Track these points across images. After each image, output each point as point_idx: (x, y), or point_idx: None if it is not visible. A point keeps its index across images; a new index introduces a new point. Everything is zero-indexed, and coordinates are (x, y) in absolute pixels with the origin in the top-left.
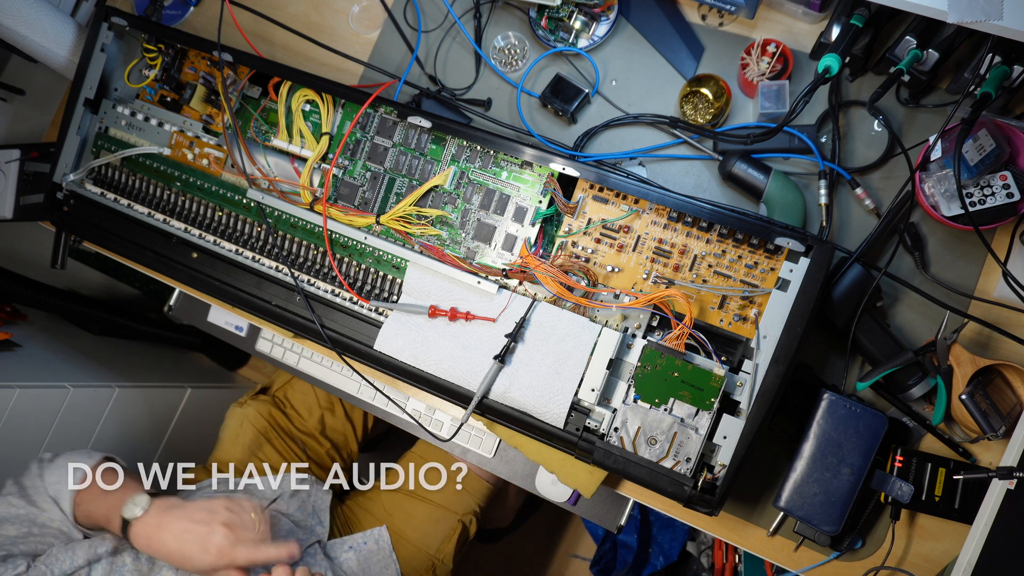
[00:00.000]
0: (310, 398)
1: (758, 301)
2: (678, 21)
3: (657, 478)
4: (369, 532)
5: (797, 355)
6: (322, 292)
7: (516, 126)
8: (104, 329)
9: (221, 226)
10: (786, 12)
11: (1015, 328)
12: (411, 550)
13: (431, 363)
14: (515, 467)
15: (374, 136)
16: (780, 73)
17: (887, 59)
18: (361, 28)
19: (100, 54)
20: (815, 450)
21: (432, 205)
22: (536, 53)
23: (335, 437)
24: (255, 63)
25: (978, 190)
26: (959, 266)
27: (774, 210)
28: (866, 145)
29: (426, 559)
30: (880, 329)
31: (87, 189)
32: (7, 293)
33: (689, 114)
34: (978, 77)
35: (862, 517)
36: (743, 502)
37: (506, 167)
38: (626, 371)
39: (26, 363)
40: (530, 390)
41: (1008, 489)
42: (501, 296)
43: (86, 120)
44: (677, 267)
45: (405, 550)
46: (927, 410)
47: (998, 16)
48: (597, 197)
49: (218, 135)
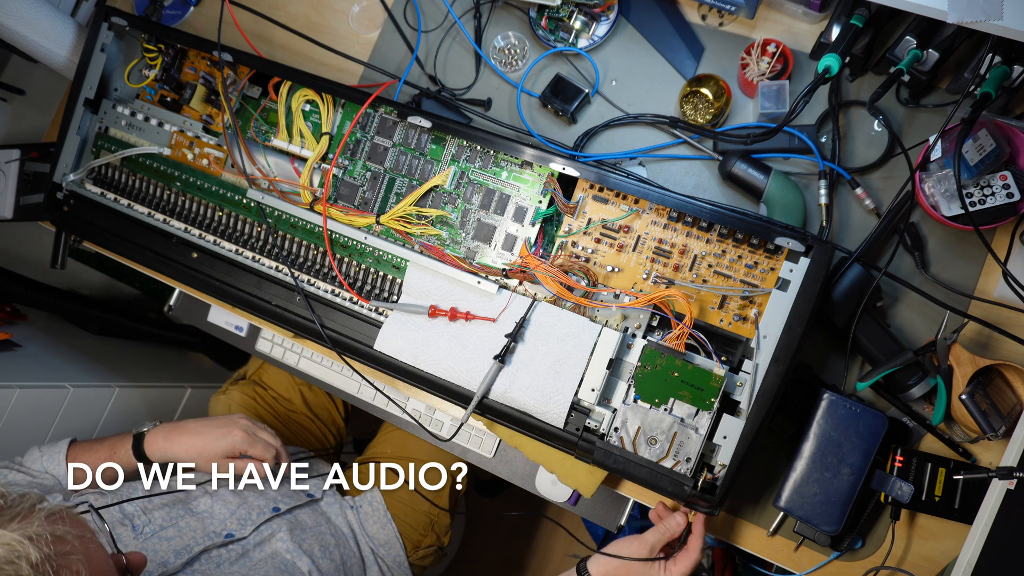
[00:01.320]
0: (285, 378)
1: (758, 301)
2: (678, 21)
3: (657, 478)
4: (362, 496)
5: (797, 355)
6: (322, 292)
7: (516, 126)
8: (104, 329)
9: (221, 226)
10: (786, 12)
11: (1015, 328)
12: (405, 509)
13: (431, 363)
14: (515, 467)
15: (374, 136)
16: (780, 73)
17: (887, 59)
18: (361, 28)
19: (100, 54)
20: (815, 450)
21: (432, 205)
22: (536, 53)
23: (320, 413)
24: (255, 63)
25: (978, 190)
26: (959, 266)
27: (774, 210)
28: (866, 145)
29: (423, 516)
30: (880, 329)
31: (87, 189)
32: (7, 293)
33: (689, 114)
34: (978, 77)
35: (862, 517)
36: (743, 502)
37: (506, 167)
38: (626, 371)
39: (26, 363)
40: (530, 390)
41: (1008, 489)
42: (501, 296)
43: (86, 120)
44: (677, 267)
45: (399, 510)
46: (927, 410)
47: (998, 16)
48: (597, 197)
49: (218, 135)
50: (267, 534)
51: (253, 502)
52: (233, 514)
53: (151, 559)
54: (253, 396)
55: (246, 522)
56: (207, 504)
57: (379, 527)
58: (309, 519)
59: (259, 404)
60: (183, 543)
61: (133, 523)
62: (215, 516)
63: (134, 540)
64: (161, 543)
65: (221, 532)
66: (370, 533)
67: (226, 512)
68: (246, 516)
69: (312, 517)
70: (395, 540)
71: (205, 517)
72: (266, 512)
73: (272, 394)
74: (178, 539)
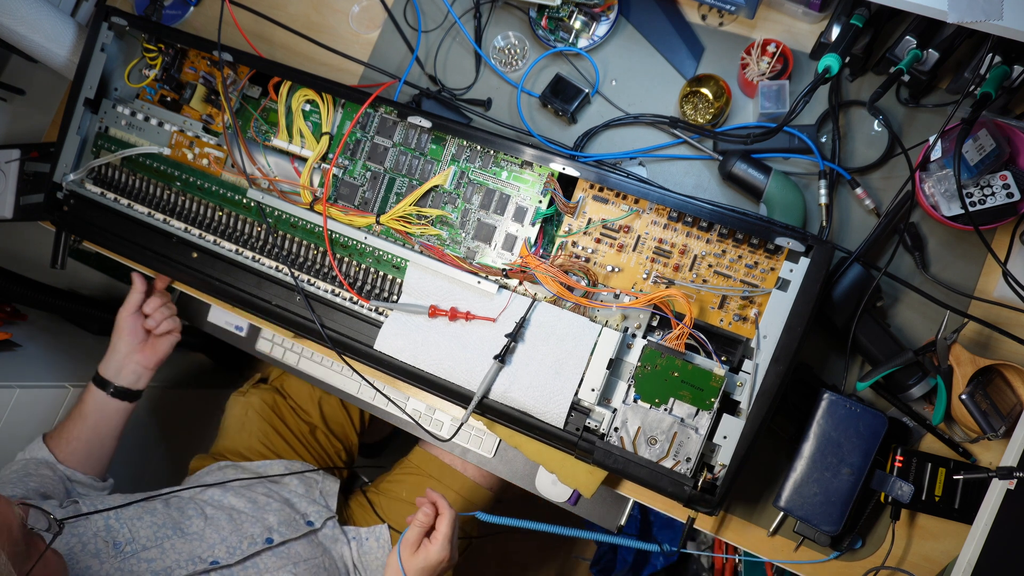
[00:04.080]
0: (305, 389)
1: (758, 301)
2: (678, 21)
3: (657, 478)
4: (370, 528)
5: (797, 355)
6: (322, 292)
7: (516, 126)
8: (104, 329)
9: (221, 226)
10: (786, 12)
11: (1015, 328)
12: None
13: (431, 363)
14: (515, 467)
15: (374, 136)
16: (780, 73)
17: (887, 59)
18: (361, 28)
19: (100, 54)
20: (815, 450)
21: (432, 205)
22: (536, 53)
23: (335, 427)
24: (255, 63)
25: (978, 190)
26: (959, 266)
27: (774, 210)
28: (866, 145)
29: None
30: (880, 329)
31: (87, 189)
32: (7, 293)
33: (689, 114)
34: (978, 77)
35: (862, 517)
36: (743, 502)
37: (506, 167)
38: (626, 371)
39: (26, 363)
40: (530, 390)
41: (1008, 489)
42: (501, 296)
43: (86, 120)
44: (677, 267)
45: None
46: (927, 410)
47: (998, 16)
48: (597, 197)
49: (218, 135)
50: (252, 572)
51: (247, 529)
52: (224, 540)
53: None
54: (272, 403)
55: (235, 550)
56: (199, 526)
57: (379, 564)
58: (304, 551)
59: (276, 412)
60: (164, 565)
61: (115, 540)
62: (204, 540)
63: (113, 558)
64: (140, 564)
65: (207, 558)
66: (368, 569)
67: (217, 538)
68: (236, 544)
69: (308, 549)
70: None
71: (194, 540)
72: (258, 543)
73: (291, 403)
74: (159, 561)
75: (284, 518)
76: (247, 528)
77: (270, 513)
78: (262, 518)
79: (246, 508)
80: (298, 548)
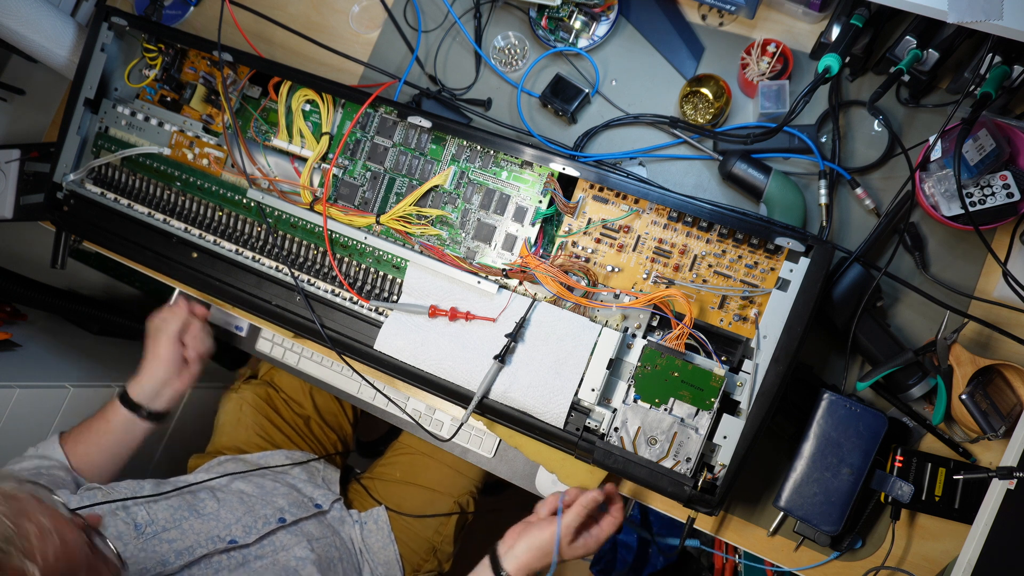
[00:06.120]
0: (296, 381)
1: (758, 301)
2: (678, 21)
3: (657, 478)
4: (368, 512)
5: (797, 355)
6: (322, 292)
7: (516, 126)
8: (104, 329)
9: (221, 226)
10: (786, 12)
11: (1015, 328)
12: (409, 533)
13: (431, 363)
14: (515, 467)
15: (374, 136)
16: (780, 73)
17: (887, 59)
18: (361, 28)
19: (100, 54)
20: (815, 450)
21: (432, 205)
22: (536, 53)
23: (329, 419)
24: (255, 63)
25: (978, 190)
26: (959, 266)
27: (774, 210)
28: (866, 145)
29: (425, 542)
30: (880, 329)
31: (87, 189)
32: (7, 293)
33: (689, 114)
34: (978, 77)
35: (862, 517)
36: (743, 502)
37: (506, 167)
38: (626, 371)
39: (26, 363)
40: (530, 390)
41: (1008, 489)
42: (501, 296)
43: (86, 120)
44: (677, 267)
45: (403, 532)
46: (927, 410)
47: (998, 16)
48: (597, 197)
49: (218, 135)
50: (269, 549)
51: (259, 511)
52: (239, 520)
53: (151, 558)
54: (266, 397)
55: (251, 529)
56: (213, 507)
57: (381, 546)
58: (316, 531)
59: (271, 405)
60: (185, 544)
61: (136, 522)
62: (220, 520)
63: (136, 539)
64: (162, 544)
65: (225, 537)
66: (372, 551)
67: (232, 518)
68: (251, 524)
69: (319, 529)
70: (395, 562)
71: (210, 520)
72: (272, 522)
73: (283, 396)
74: (180, 540)
75: (293, 500)
76: (259, 509)
77: (279, 496)
78: (272, 500)
79: (255, 492)
80: (310, 527)
